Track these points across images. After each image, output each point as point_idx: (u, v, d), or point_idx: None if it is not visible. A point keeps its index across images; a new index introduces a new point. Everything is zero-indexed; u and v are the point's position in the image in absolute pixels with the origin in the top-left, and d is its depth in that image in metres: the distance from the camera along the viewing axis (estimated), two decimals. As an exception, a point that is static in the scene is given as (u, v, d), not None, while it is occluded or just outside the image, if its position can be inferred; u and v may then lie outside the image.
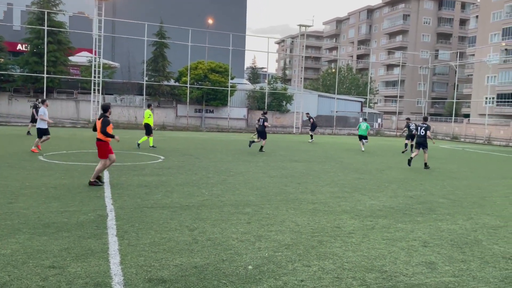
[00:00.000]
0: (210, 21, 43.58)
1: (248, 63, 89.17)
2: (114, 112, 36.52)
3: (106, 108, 9.39)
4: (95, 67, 34.46)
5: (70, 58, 37.65)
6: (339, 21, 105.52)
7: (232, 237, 5.92)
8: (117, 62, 42.44)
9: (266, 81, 44.34)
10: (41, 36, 33.81)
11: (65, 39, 36.68)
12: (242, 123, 40.18)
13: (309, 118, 27.42)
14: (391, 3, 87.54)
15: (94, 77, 34.47)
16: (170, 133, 29.80)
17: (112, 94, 38.90)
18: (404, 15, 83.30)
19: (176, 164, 13.04)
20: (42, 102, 15.01)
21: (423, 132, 15.14)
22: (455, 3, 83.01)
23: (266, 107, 39.83)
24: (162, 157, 14.69)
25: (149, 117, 18.10)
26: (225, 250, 5.36)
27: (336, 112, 43.60)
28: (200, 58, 39.62)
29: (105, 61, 38.00)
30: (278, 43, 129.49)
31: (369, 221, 7.17)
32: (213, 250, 5.34)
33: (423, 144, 15.11)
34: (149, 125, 18.02)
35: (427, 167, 15.10)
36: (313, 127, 27.17)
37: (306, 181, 11.02)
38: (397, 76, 68.14)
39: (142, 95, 36.87)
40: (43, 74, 32.97)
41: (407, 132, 22.40)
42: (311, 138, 27.03)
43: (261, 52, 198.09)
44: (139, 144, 17.44)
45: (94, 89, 34.53)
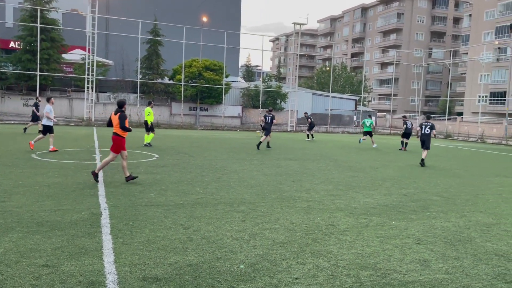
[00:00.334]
0: (205, 19, 43.47)
1: (243, 61, 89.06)
2: (108, 110, 36.42)
3: (122, 104, 9.50)
4: (89, 65, 34.29)
5: (64, 56, 37.43)
6: (334, 19, 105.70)
7: (227, 235, 5.92)
8: (111, 60, 42.24)
9: (261, 79, 44.32)
10: (34, 34, 33.57)
11: (58, 37, 36.45)
12: (237, 121, 40.16)
13: (307, 118, 27.48)
14: (385, 2, 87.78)
15: (88, 75, 34.29)
16: (165, 131, 29.72)
17: (106, 92, 38.73)
18: (398, 14, 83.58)
19: (171, 162, 13.01)
20: (48, 100, 14.92)
21: (428, 131, 15.44)
22: (449, 2, 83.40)
23: (261, 105, 39.84)
24: (157, 155, 14.64)
25: (149, 115, 18.12)
26: (220, 248, 5.36)
27: (331, 110, 43.69)
28: (195, 56, 39.52)
29: (99, 59, 37.81)
30: (273, 41, 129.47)
31: (363, 219, 7.19)
32: (208, 248, 5.33)
33: (426, 142, 15.40)
34: (150, 122, 18.11)
35: (423, 164, 15.13)
36: (311, 127, 27.24)
37: (301, 179, 11.04)
38: (391, 75, 68.37)
39: (136, 93, 36.74)
40: (36, 72, 32.75)
41: (405, 130, 22.53)
42: (309, 137, 27.09)
43: (256, 50, 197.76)
44: (149, 143, 17.80)
45: (88, 87, 34.37)
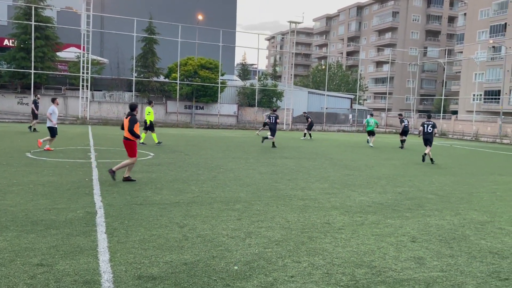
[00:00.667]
0: (200, 17, 43.37)
1: (238, 60, 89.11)
2: (103, 109, 36.27)
3: (134, 107, 9.57)
4: (84, 63, 34.10)
5: (58, 54, 37.17)
6: (329, 18, 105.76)
7: (222, 234, 5.92)
8: (106, 58, 42.04)
9: (257, 78, 44.28)
10: (28, 31, 33.33)
11: (53, 35, 36.20)
12: (233, 120, 40.11)
13: (307, 117, 27.62)
14: (381, 0, 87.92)
15: (83, 73, 34.11)
16: (160, 130, 29.61)
17: (101, 90, 38.55)
18: (393, 12, 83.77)
19: (166, 161, 12.98)
20: (53, 101, 14.84)
21: (430, 129, 15.91)
22: (444, 1, 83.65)
23: (257, 104, 39.82)
24: (152, 154, 14.61)
25: (148, 114, 18.15)
26: (215, 247, 5.36)
27: (326, 109, 43.74)
28: (190, 54, 39.41)
29: (94, 57, 37.61)
30: (268, 40, 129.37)
31: (359, 217, 7.22)
32: (203, 247, 5.33)
33: (430, 140, 15.92)
34: (150, 122, 18.14)
35: (426, 159, 15.99)
36: (310, 126, 27.37)
37: (296, 178, 11.06)
38: (387, 73, 68.55)
39: (132, 92, 36.61)
40: (31, 70, 32.52)
41: (403, 128, 22.61)
42: (305, 136, 27.15)
43: (252, 49, 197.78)
44: (160, 142, 18.03)
45: (83, 85, 34.17)
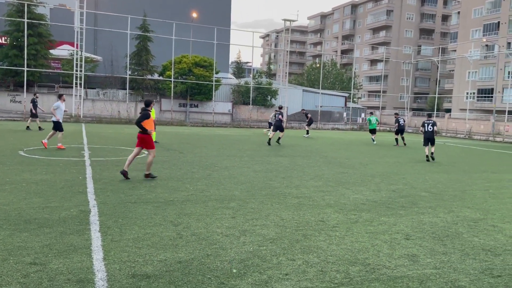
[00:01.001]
0: (195, 15, 43.23)
1: (233, 58, 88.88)
2: (96, 107, 36.08)
3: (149, 103, 9.76)
4: (77, 61, 33.89)
5: (51, 51, 36.96)
6: (324, 16, 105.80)
7: (217, 232, 5.91)
8: (100, 56, 41.82)
9: (251, 76, 44.28)
10: (21, 29, 33.07)
11: (46, 32, 35.97)
12: (227, 118, 40.06)
13: (306, 114, 27.81)
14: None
15: (76, 71, 33.91)
16: (154, 128, 29.52)
17: (95, 88, 38.37)
18: (388, 11, 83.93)
19: (160, 159, 12.94)
20: (59, 97, 14.78)
21: (431, 128, 16.02)
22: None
23: (251, 102, 39.81)
24: (146, 152, 14.53)
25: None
26: (210, 245, 5.35)
27: (321, 107, 43.80)
28: (184, 52, 39.29)
29: (87, 55, 37.41)
30: (263, 38, 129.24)
31: (353, 215, 7.24)
32: (198, 245, 5.32)
33: (432, 139, 16.04)
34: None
35: (433, 159, 16.07)
36: (310, 123, 27.61)
37: (291, 176, 11.07)
38: (381, 71, 68.70)
39: (125, 89, 36.45)
40: (23, 68, 32.29)
41: (398, 127, 22.71)
42: (308, 133, 27.32)
43: (246, 47, 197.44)
44: (156, 142, 17.72)
45: (76, 83, 33.98)
